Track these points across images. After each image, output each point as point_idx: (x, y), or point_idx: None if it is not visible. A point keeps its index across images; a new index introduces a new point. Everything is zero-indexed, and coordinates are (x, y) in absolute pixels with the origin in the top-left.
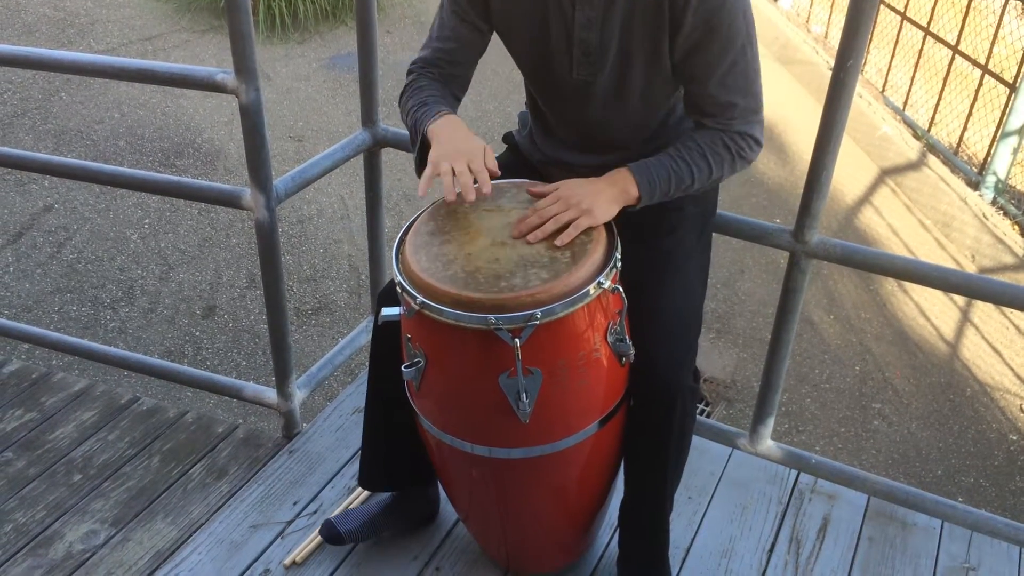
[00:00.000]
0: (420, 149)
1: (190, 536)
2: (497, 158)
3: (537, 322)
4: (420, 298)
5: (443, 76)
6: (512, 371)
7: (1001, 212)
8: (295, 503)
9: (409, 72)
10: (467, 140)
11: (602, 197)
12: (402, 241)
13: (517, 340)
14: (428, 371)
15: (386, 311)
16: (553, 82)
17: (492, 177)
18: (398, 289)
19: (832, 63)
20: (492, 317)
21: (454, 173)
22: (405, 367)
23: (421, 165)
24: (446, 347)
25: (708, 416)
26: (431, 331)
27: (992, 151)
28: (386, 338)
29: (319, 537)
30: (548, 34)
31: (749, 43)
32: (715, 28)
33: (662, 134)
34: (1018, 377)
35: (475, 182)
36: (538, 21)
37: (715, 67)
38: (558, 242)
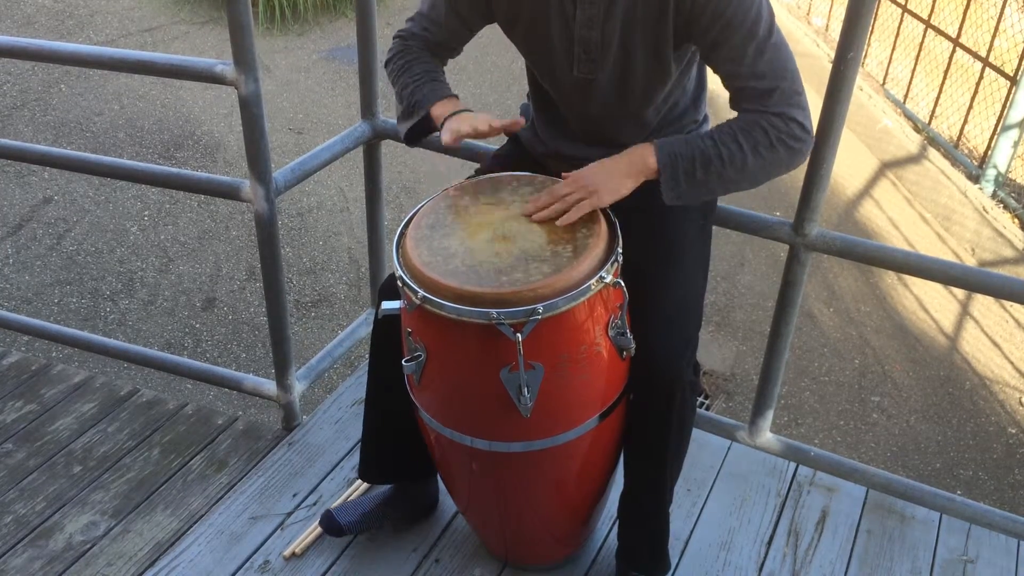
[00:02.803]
0: (419, 124)
1: (190, 527)
2: (498, 150)
3: (539, 316)
4: (421, 292)
5: (430, 50)
6: (513, 365)
7: (1001, 205)
8: (295, 495)
9: (396, 37)
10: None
11: (613, 175)
12: (402, 235)
13: (519, 335)
14: (429, 365)
15: (386, 305)
16: (555, 79)
17: (514, 127)
18: (398, 283)
19: (833, 56)
20: (494, 312)
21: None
22: (406, 361)
23: (413, 138)
24: (447, 341)
25: (708, 409)
26: (432, 325)
27: (993, 144)
28: (386, 332)
29: (319, 529)
30: (549, 32)
31: (770, 27)
32: (731, 20)
33: (663, 129)
34: (1017, 370)
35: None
36: (539, 19)
37: (742, 58)
38: (559, 222)
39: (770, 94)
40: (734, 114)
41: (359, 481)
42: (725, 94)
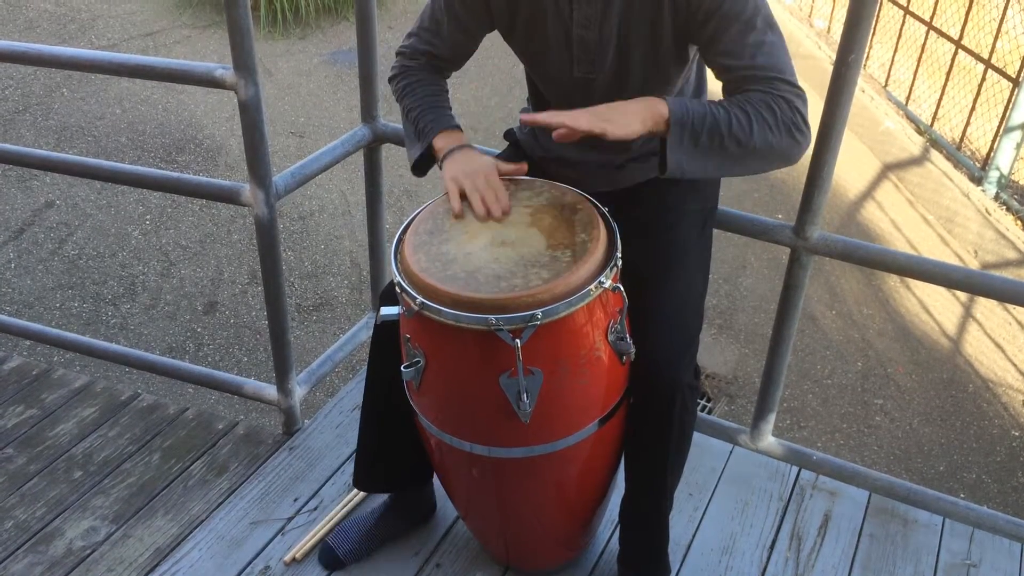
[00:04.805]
0: (425, 154)
1: (190, 533)
2: (498, 155)
3: (538, 322)
4: (420, 298)
5: (433, 66)
6: (513, 371)
7: (1004, 207)
8: (295, 500)
9: (399, 54)
10: (479, 159)
11: (625, 112)
12: (400, 240)
13: (518, 340)
14: (428, 371)
15: (384, 311)
16: (554, 80)
17: (519, 173)
18: (397, 289)
19: (834, 58)
20: (492, 318)
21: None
22: (404, 367)
23: (419, 167)
24: (446, 347)
25: (709, 412)
26: (431, 331)
27: (995, 146)
28: (385, 337)
29: (319, 533)
30: (547, 33)
31: (767, 21)
32: (727, 14)
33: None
34: (1021, 373)
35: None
36: (537, 20)
37: (741, 52)
38: (569, 121)
39: (773, 82)
40: None
41: None
42: None
